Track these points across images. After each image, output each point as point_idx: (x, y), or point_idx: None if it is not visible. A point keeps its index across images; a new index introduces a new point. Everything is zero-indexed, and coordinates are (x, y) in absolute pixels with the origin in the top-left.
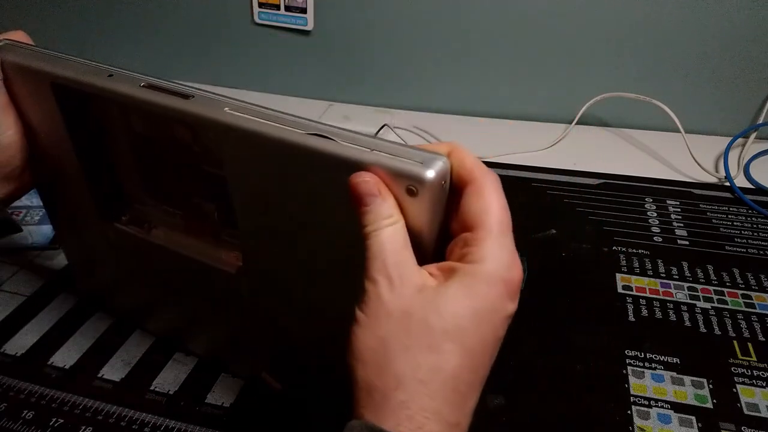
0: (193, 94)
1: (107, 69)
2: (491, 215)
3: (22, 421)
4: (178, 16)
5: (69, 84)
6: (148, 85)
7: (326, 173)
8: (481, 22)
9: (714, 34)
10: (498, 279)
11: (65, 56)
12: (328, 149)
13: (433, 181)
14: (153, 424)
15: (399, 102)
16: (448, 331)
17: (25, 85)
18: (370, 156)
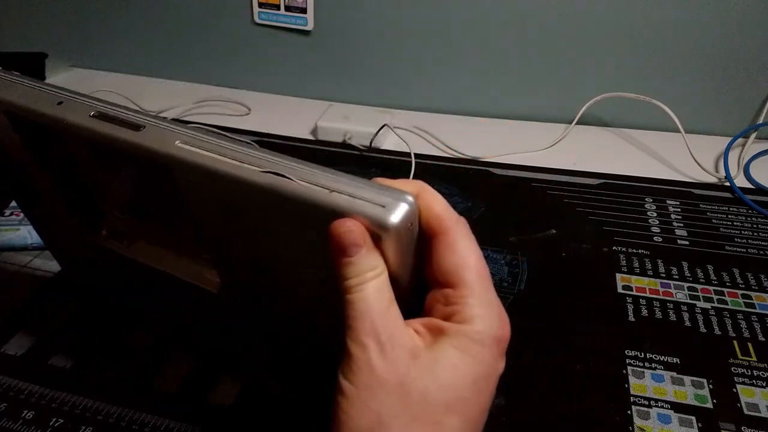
0: (144, 124)
1: (58, 95)
2: (470, 270)
3: (22, 421)
4: (178, 16)
5: (16, 111)
6: (97, 114)
7: (286, 212)
8: (481, 22)
9: (714, 34)
10: (491, 339)
11: (19, 80)
12: (285, 189)
13: (398, 226)
14: (153, 424)
15: (399, 102)
16: (450, 403)
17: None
18: (328, 198)
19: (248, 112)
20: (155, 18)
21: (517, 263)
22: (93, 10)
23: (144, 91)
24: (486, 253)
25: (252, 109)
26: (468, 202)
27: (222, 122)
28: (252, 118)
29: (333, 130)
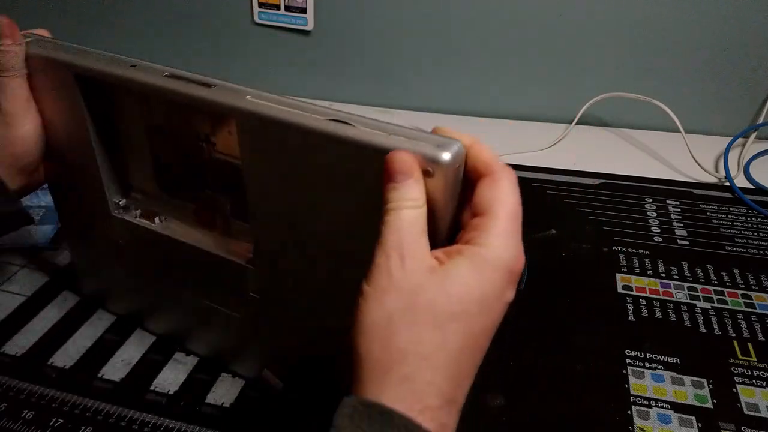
0: (215, 83)
1: (129, 60)
2: (503, 204)
3: (22, 421)
4: (178, 15)
5: (93, 75)
6: (170, 75)
7: (345, 158)
8: (481, 23)
9: (714, 34)
10: (504, 265)
11: (88, 49)
12: (347, 134)
13: (449, 163)
14: (153, 424)
15: (399, 102)
16: (454, 312)
17: (50, 78)
18: (387, 140)
19: None
20: (155, 18)
21: None
22: (93, 10)
23: None
24: None
25: None
26: None
27: None
28: None
29: None
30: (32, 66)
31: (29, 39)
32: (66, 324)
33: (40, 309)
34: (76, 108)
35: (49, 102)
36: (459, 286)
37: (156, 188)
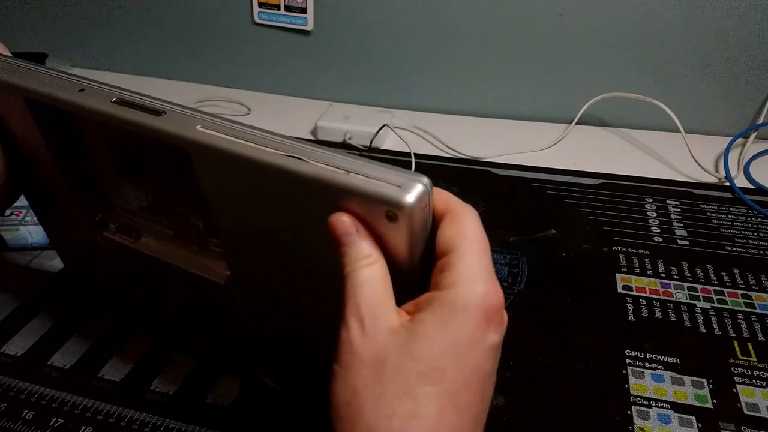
0: (165, 110)
1: (79, 83)
2: (466, 239)
3: (22, 421)
4: (178, 15)
5: (41, 99)
6: (119, 100)
7: (302, 195)
8: (481, 23)
9: (714, 34)
10: (475, 304)
11: (39, 69)
12: (303, 171)
13: (413, 205)
14: (153, 424)
15: (399, 102)
16: (423, 373)
17: (1, 99)
18: (345, 179)
19: (248, 112)
20: (155, 18)
21: (517, 263)
22: (93, 10)
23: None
24: None
25: (252, 109)
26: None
27: None
28: (252, 118)
29: (333, 130)
30: None
31: None
32: (66, 324)
33: (40, 309)
34: (32, 129)
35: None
36: (424, 343)
37: (130, 205)
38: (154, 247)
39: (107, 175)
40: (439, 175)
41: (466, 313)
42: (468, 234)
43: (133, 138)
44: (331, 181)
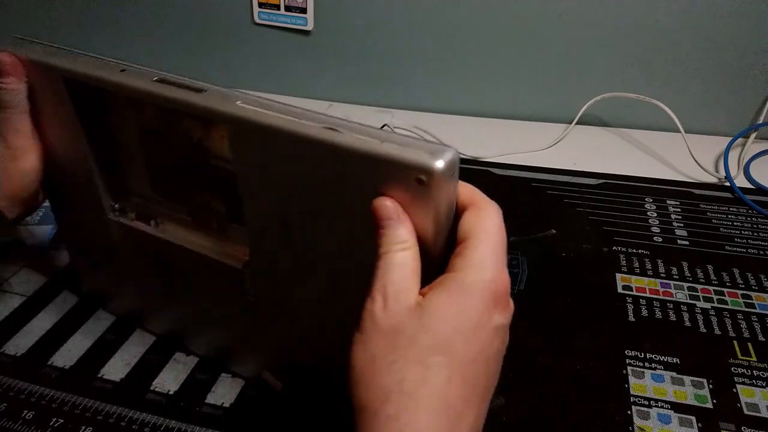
0: (206, 88)
1: (119, 64)
2: (484, 229)
3: (22, 421)
4: (178, 15)
5: (82, 79)
6: (160, 79)
7: (337, 165)
8: (481, 23)
9: (714, 34)
10: (482, 288)
11: (77, 51)
12: (339, 141)
13: (442, 170)
14: (153, 424)
15: (399, 102)
16: (434, 345)
17: (39, 82)
18: (380, 147)
19: None
20: (155, 18)
21: (517, 263)
22: (93, 10)
23: None
24: None
25: None
26: None
27: None
28: None
29: None
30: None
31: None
32: (66, 324)
33: (40, 309)
34: (67, 112)
35: (39, 107)
36: (437, 318)
37: (151, 191)
38: (172, 233)
39: (134, 160)
40: None
41: (473, 295)
42: (487, 225)
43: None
44: (365, 149)
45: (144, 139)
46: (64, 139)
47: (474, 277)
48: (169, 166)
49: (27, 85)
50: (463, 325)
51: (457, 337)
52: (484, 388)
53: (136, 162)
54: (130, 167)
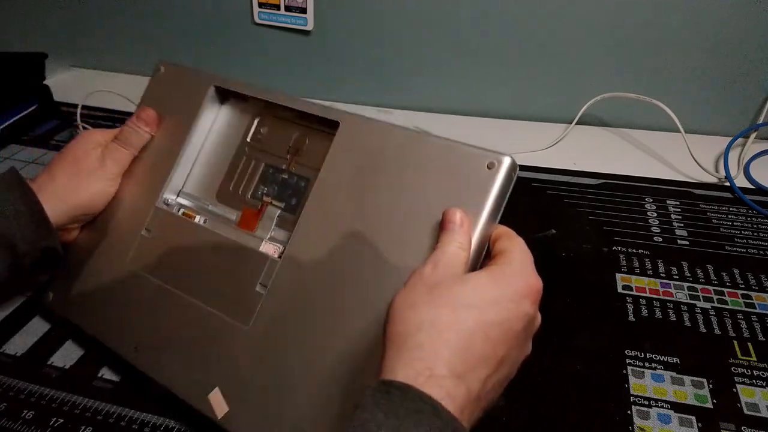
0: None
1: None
2: (518, 245)
3: (22, 421)
4: (178, 16)
5: (231, 87)
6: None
7: (423, 159)
8: (481, 23)
9: (714, 34)
10: (519, 277)
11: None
12: (432, 141)
13: (508, 163)
14: (153, 423)
15: (399, 102)
16: (469, 302)
17: (184, 88)
18: (463, 146)
19: None
20: (155, 18)
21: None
22: (93, 10)
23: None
24: None
25: None
26: None
27: None
28: None
29: None
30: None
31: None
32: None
33: (40, 309)
34: (194, 114)
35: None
36: (476, 285)
37: (205, 194)
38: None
39: (214, 165)
40: None
41: (512, 278)
42: (521, 244)
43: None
44: (454, 146)
45: (243, 148)
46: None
47: (513, 268)
48: (247, 173)
49: (152, 137)
50: (498, 296)
51: (490, 303)
52: (502, 359)
53: (215, 167)
54: (206, 171)
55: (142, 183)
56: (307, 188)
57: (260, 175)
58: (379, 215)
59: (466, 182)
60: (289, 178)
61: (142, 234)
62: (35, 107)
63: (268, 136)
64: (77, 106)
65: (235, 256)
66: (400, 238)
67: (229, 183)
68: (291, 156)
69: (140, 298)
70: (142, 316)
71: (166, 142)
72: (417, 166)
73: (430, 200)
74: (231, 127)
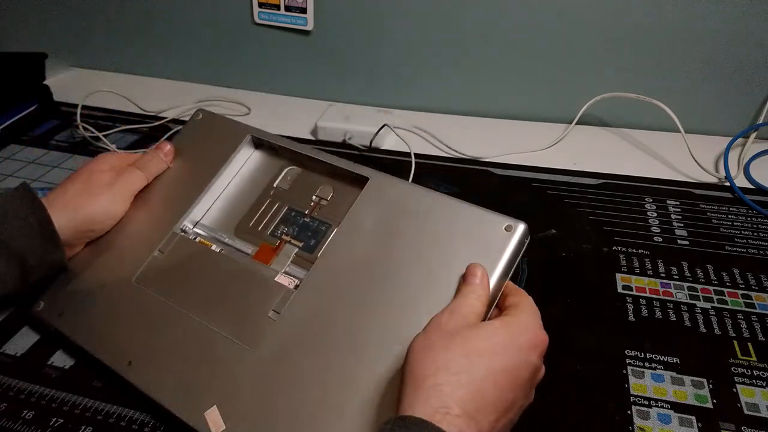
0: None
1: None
2: (528, 302)
3: (22, 421)
4: (178, 16)
5: (266, 138)
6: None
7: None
8: (481, 23)
9: (714, 34)
10: (528, 329)
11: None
12: (460, 204)
13: (524, 228)
14: (153, 423)
15: (399, 102)
16: (482, 349)
17: (222, 134)
18: (486, 213)
19: (248, 112)
20: (155, 18)
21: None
22: (93, 10)
23: (144, 91)
24: None
25: (252, 109)
26: None
27: None
28: (252, 118)
29: (333, 130)
30: (207, 122)
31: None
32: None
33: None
34: (226, 155)
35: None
36: (488, 333)
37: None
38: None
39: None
40: (439, 175)
41: (521, 331)
42: (529, 302)
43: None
44: (476, 210)
45: (268, 192)
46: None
47: (523, 320)
48: (269, 214)
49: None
50: (508, 345)
51: (499, 350)
52: (510, 403)
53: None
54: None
55: (160, 209)
56: (327, 232)
57: (281, 217)
58: (401, 262)
59: (485, 241)
60: (310, 221)
61: (154, 255)
62: (35, 107)
63: (294, 184)
64: (77, 106)
65: (248, 283)
66: (418, 285)
67: (249, 220)
68: (315, 204)
69: (140, 313)
70: (140, 331)
71: (192, 176)
72: (440, 224)
73: (449, 255)
74: (259, 171)
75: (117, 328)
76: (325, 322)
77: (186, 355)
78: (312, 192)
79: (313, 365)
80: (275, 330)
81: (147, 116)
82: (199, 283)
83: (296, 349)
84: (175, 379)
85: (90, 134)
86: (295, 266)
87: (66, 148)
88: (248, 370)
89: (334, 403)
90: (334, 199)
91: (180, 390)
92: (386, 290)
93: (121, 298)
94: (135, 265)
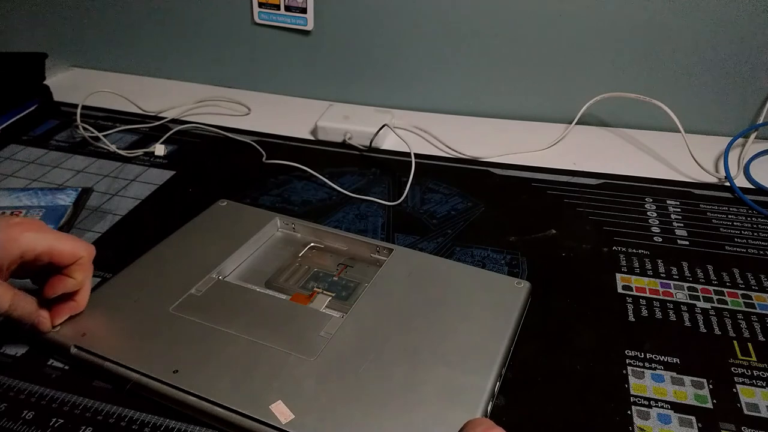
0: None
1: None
2: None
3: (22, 421)
4: (178, 15)
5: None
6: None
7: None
8: (481, 23)
9: (714, 34)
10: None
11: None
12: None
13: (529, 285)
14: (153, 424)
15: (399, 102)
16: None
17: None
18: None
19: (248, 112)
20: (155, 18)
21: (517, 263)
22: (93, 10)
23: (144, 91)
24: (486, 253)
25: (252, 109)
26: (468, 202)
27: (222, 122)
28: (252, 118)
29: (333, 130)
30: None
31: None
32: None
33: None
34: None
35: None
36: None
37: (254, 282)
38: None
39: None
40: (439, 175)
41: None
42: None
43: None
44: (489, 273)
45: (294, 258)
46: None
47: None
48: (297, 274)
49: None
50: None
51: None
52: None
53: (264, 267)
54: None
55: (187, 263)
56: (359, 288)
57: (311, 275)
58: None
59: (500, 295)
60: (339, 280)
61: (191, 292)
62: (35, 107)
63: (319, 255)
64: (77, 106)
65: (293, 313)
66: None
67: (278, 277)
68: (342, 267)
69: (182, 333)
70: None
71: (218, 243)
72: (458, 283)
73: (471, 307)
74: (286, 242)
75: (154, 344)
76: (376, 342)
77: (239, 363)
78: (337, 260)
79: (372, 369)
80: (331, 345)
81: (147, 116)
82: (241, 313)
83: (355, 358)
84: (231, 382)
85: (90, 134)
86: (332, 309)
87: (66, 148)
88: (309, 372)
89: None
90: (358, 266)
91: (237, 390)
92: (422, 331)
93: (156, 323)
94: (171, 299)
